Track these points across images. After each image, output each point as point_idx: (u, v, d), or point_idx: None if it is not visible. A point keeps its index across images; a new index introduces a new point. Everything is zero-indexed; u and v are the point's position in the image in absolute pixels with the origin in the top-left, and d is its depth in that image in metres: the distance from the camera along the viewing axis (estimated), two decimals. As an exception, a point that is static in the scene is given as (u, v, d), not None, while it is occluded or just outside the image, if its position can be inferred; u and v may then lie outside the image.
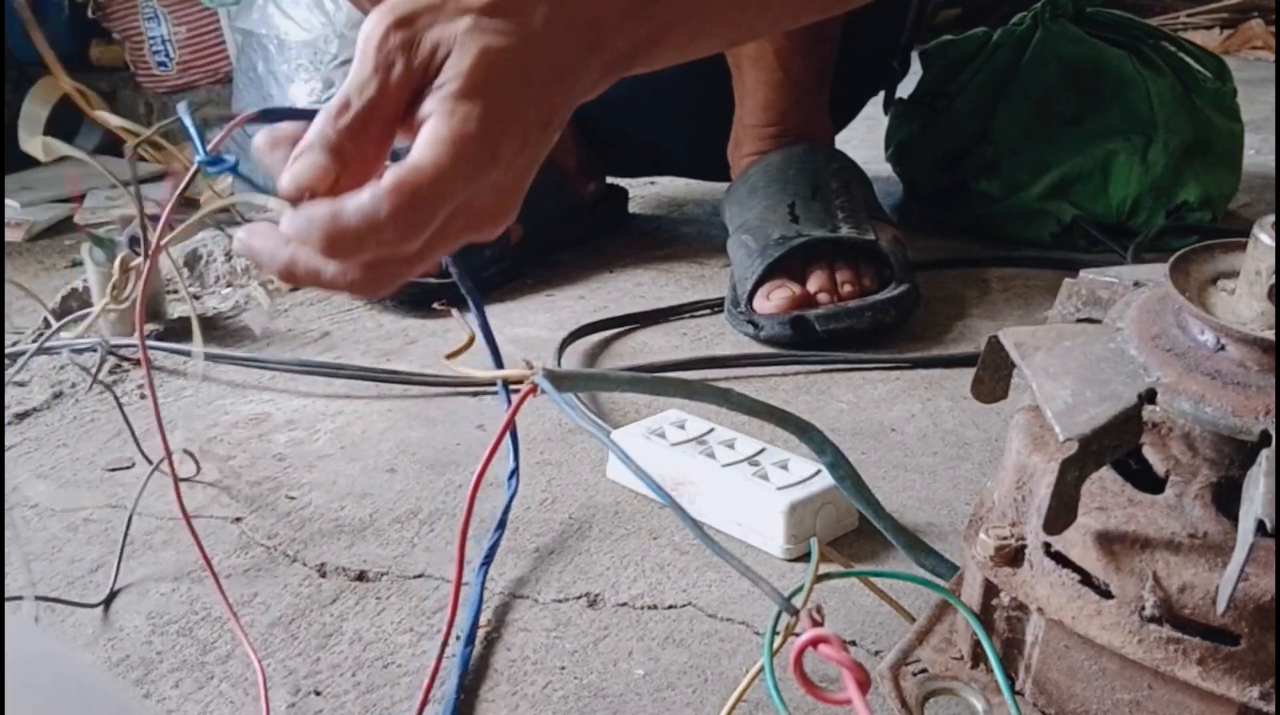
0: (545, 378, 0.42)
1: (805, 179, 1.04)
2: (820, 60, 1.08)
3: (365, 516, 0.71)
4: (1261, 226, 0.41)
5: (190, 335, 1.00)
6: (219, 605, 0.62)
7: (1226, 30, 2.49)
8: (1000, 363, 0.48)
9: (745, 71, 1.06)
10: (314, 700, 0.56)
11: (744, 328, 0.96)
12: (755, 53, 1.04)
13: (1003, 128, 1.20)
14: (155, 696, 0.56)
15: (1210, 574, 0.40)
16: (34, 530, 0.70)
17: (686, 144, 1.23)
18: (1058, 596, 0.43)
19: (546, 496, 0.73)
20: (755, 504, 0.66)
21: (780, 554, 0.66)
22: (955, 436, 0.80)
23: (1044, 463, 0.44)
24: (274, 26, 2.36)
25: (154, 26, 3.23)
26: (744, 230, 1.03)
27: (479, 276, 1.07)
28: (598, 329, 0.99)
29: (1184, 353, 0.43)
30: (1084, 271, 0.51)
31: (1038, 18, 1.22)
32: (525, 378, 0.43)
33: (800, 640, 0.36)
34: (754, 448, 0.70)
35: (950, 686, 0.47)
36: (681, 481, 0.69)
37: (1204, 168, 1.21)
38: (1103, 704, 0.44)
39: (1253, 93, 1.68)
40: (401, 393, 0.88)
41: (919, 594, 0.59)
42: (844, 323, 0.93)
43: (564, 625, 0.61)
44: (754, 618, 0.61)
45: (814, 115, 1.10)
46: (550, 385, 0.42)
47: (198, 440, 0.81)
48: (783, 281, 0.97)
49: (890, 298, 0.95)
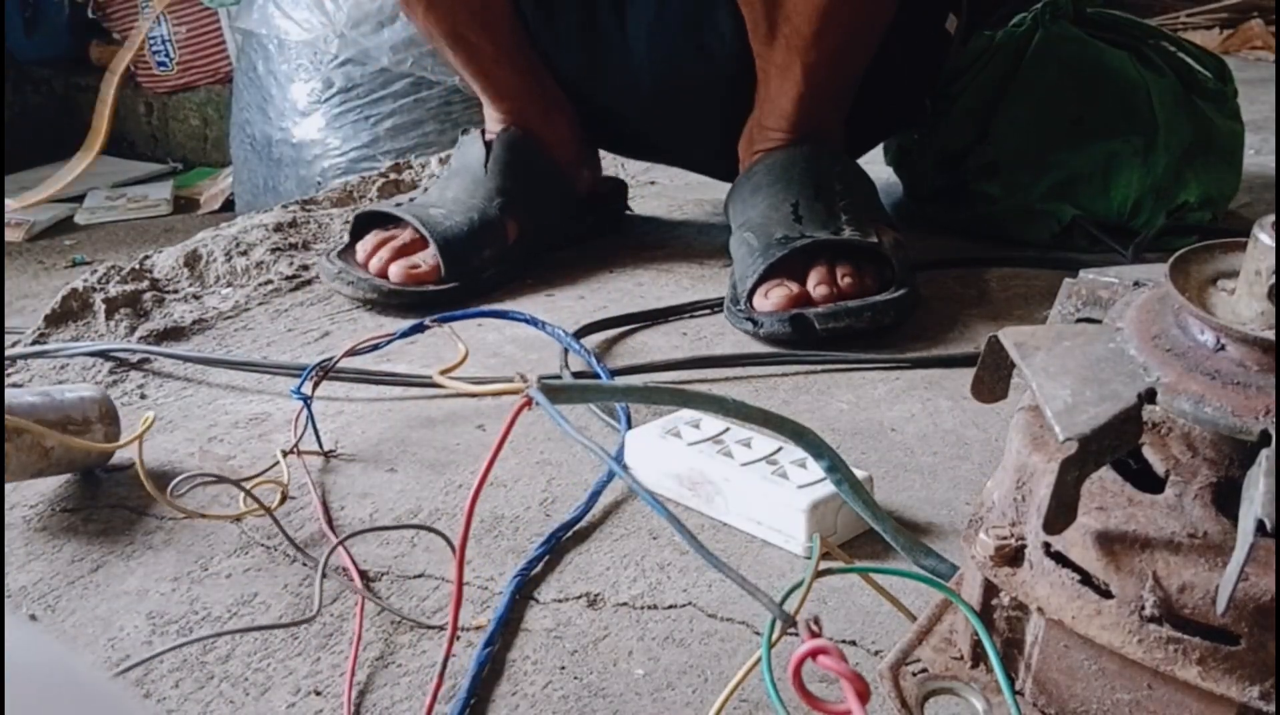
0: (539, 391, 0.42)
1: (810, 179, 1.04)
2: (847, 79, 1.08)
3: (365, 516, 0.71)
4: (1261, 226, 0.41)
5: (190, 336, 1.01)
6: (219, 605, 0.62)
7: (1226, 30, 2.49)
8: (1000, 363, 0.48)
9: (771, 79, 1.07)
10: (314, 700, 0.56)
11: (743, 325, 0.96)
12: (784, 62, 1.04)
13: (1003, 129, 1.20)
14: (155, 696, 0.56)
15: (1210, 574, 0.40)
16: (34, 530, 0.70)
17: (703, 144, 1.22)
18: (1058, 596, 0.43)
19: (546, 496, 0.73)
20: (776, 503, 0.66)
21: (802, 552, 0.65)
22: (955, 436, 0.80)
23: (1044, 463, 0.44)
24: (274, 26, 2.36)
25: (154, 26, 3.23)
26: (747, 228, 1.03)
27: (479, 278, 1.07)
28: (598, 329, 0.99)
29: (1184, 353, 0.43)
30: (1084, 271, 0.51)
31: (1038, 19, 1.22)
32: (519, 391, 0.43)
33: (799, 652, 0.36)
34: (771, 446, 0.70)
35: (950, 686, 0.47)
36: (699, 481, 0.70)
37: (1204, 168, 1.21)
38: (1103, 704, 0.44)
39: (1253, 93, 1.68)
40: (401, 393, 0.88)
41: (919, 593, 0.59)
42: (844, 322, 0.93)
43: (564, 625, 0.61)
44: (754, 618, 0.61)
45: (829, 125, 1.10)
46: (544, 398, 0.42)
47: (198, 440, 0.81)
48: (782, 280, 0.97)
49: (890, 299, 0.95)
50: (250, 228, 1.24)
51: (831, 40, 1.02)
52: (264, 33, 2.37)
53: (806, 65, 1.03)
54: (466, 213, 1.10)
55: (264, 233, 1.22)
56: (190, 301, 1.08)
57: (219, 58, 3.23)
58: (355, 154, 2.26)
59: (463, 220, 1.09)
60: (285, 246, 1.20)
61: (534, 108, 1.17)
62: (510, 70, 1.16)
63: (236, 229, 1.24)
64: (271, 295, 1.10)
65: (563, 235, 1.19)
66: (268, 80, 2.41)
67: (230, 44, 3.15)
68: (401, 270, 1.05)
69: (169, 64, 3.27)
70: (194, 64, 3.26)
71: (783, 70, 1.05)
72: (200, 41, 3.24)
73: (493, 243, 1.10)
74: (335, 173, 2.22)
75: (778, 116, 1.07)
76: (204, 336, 1.01)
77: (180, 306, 1.06)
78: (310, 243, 1.23)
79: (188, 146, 3.35)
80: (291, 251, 1.20)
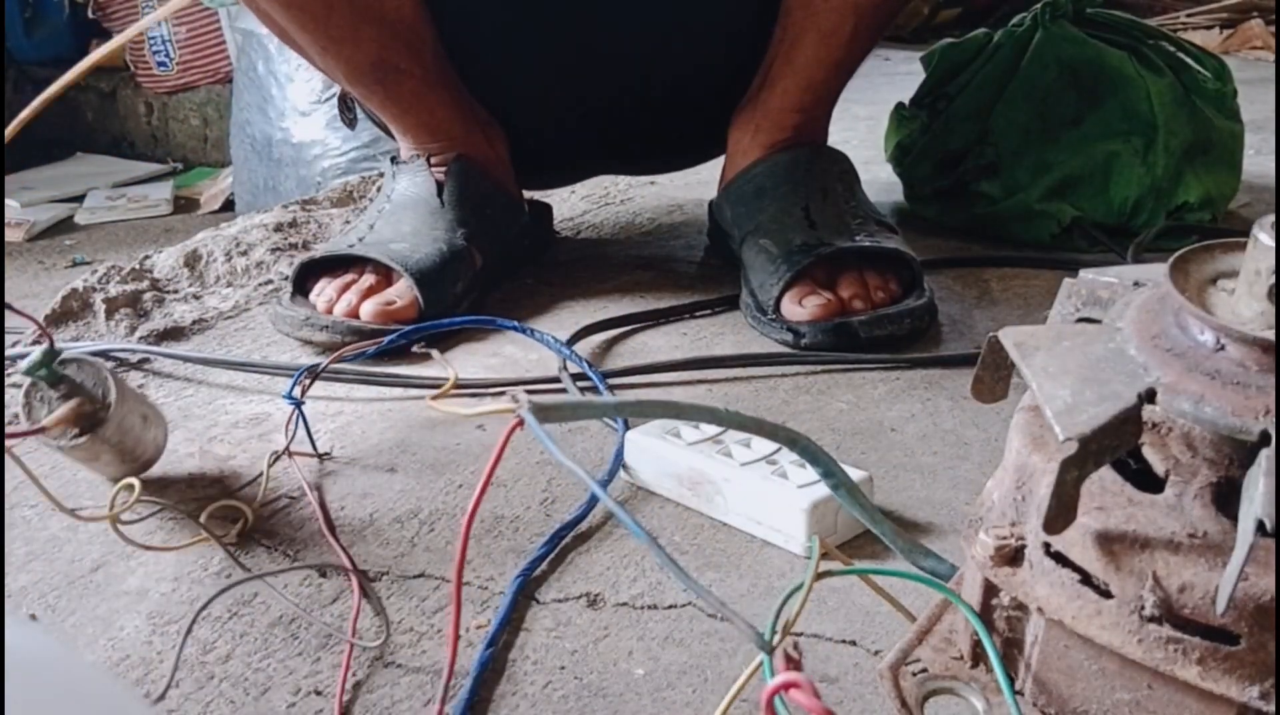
0: (530, 412, 0.42)
1: (814, 181, 1.04)
2: (862, 55, 1.08)
3: (365, 516, 0.71)
4: (1261, 226, 0.41)
5: (190, 336, 1.01)
6: (219, 605, 0.62)
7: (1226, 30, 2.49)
8: (1000, 363, 0.48)
9: (806, 46, 1.04)
10: (314, 700, 0.56)
11: (780, 335, 0.96)
12: (831, 26, 1.02)
13: (1003, 129, 1.20)
14: (155, 696, 0.56)
15: (1210, 574, 0.40)
16: (34, 530, 0.70)
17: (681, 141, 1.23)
18: (1058, 596, 0.43)
19: (546, 496, 0.73)
20: (776, 502, 0.66)
21: (802, 552, 0.65)
22: (955, 436, 0.80)
23: (1044, 463, 0.44)
24: (274, 27, 2.36)
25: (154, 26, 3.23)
26: (760, 234, 1.02)
27: (455, 310, 1.01)
28: (598, 330, 0.99)
29: (1184, 353, 0.43)
30: (1084, 271, 0.51)
31: (1038, 19, 1.22)
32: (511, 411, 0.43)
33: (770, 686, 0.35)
34: (770, 446, 0.70)
35: (950, 686, 0.47)
36: (699, 481, 0.70)
37: (1204, 168, 1.21)
38: (1102, 704, 0.44)
39: (1253, 93, 1.68)
40: (401, 394, 0.88)
41: (919, 594, 0.59)
42: (886, 329, 0.94)
43: (564, 625, 0.61)
44: (754, 618, 0.61)
45: (826, 120, 1.11)
46: (534, 421, 0.42)
47: (198, 440, 0.81)
48: (811, 288, 0.96)
49: (925, 304, 0.97)
50: (250, 228, 1.24)
51: (851, 32, 1.02)
52: (264, 33, 2.36)
53: (853, 30, 1.02)
54: (434, 244, 1.03)
55: (264, 233, 1.22)
56: (190, 301, 1.08)
57: (219, 58, 3.23)
58: (355, 154, 2.26)
59: (432, 252, 1.02)
60: (285, 246, 1.20)
61: (470, 131, 1.11)
62: (442, 93, 1.09)
63: (236, 229, 1.24)
64: (271, 295, 1.10)
65: (516, 259, 1.15)
66: (268, 80, 2.41)
67: (230, 44, 3.15)
68: (375, 308, 0.97)
69: (169, 64, 3.27)
70: (194, 64, 3.26)
71: (826, 37, 1.03)
72: (200, 41, 3.24)
73: (464, 273, 1.04)
74: (335, 173, 2.22)
75: (799, 91, 1.06)
76: (204, 336, 1.01)
77: (180, 306, 1.06)
78: (310, 243, 1.23)
79: (188, 146, 3.36)
80: (291, 251, 1.20)
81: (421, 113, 1.09)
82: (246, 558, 0.67)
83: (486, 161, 1.11)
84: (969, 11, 2.85)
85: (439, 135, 1.10)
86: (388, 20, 1.03)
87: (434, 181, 1.07)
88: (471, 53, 1.11)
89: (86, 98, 3.44)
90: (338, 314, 0.97)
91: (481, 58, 1.12)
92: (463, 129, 1.11)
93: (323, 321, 0.96)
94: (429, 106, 1.09)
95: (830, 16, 1.01)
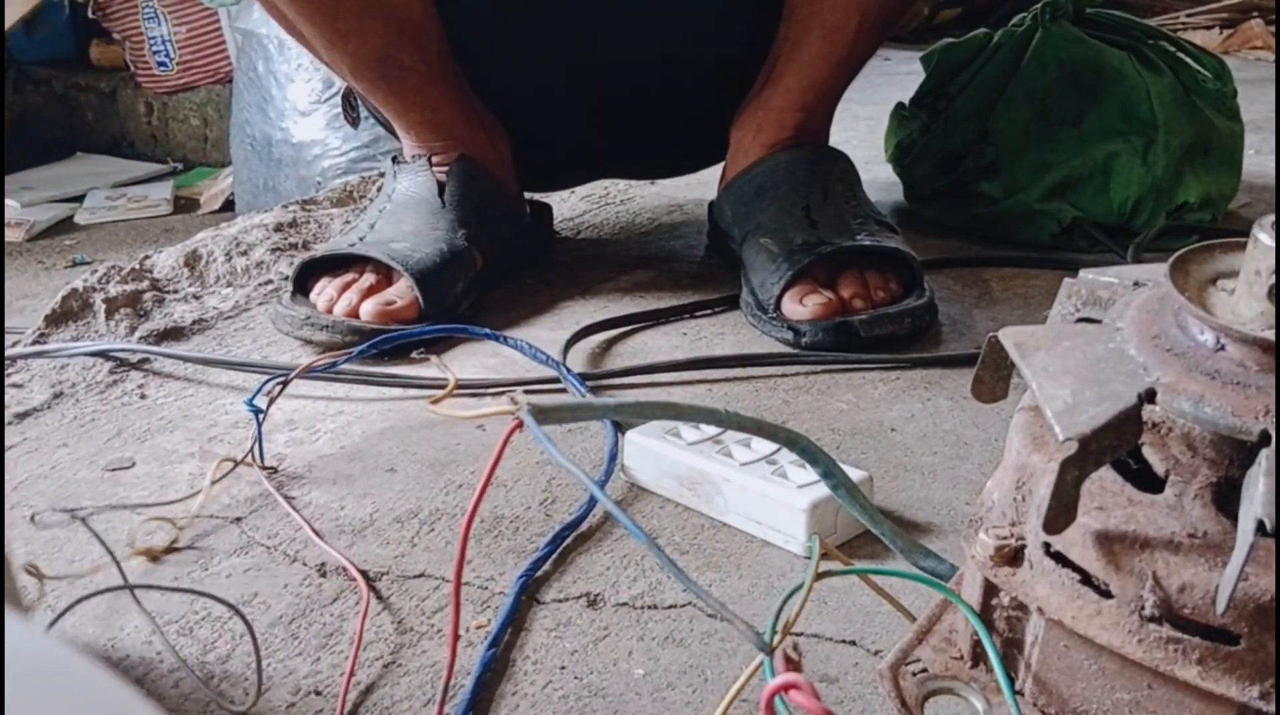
0: (529, 413, 0.42)
1: (815, 181, 1.04)
2: (866, 55, 1.08)
3: (365, 516, 0.71)
4: (1261, 226, 0.41)
5: (190, 336, 1.01)
6: (219, 605, 0.62)
7: (1226, 30, 2.49)
8: (1000, 363, 0.48)
9: (810, 43, 1.04)
10: (314, 700, 0.56)
11: (781, 333, 0.96)
12: (836, 23, 1.02)
13: (1003, 129, 1.20)
14: (155, 696, 0.56)
15: (1210, 574, 0.40)
16: (34, 530, 0.70)
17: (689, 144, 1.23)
18: (1058, 596, 0.43)
19: (546, 496, 0.73)
20: (775, 502, 0.66)
21: (802, 552, 0.65)
22: (955, 436, 0.80)
23: (1044, 463, 0.44)
24: (274, 26, 2.35)
25: (154, 26, 3.23)
26: (761, 233, 1.02)
27: (456, 310, 1.01)
28: (599, 330, 0.99)
29: (1184, 353, 0.43)
30: (1084, 271, 0.51)
31: (1038, 19, 1.22)
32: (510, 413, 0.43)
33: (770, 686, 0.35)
34: (770, 446, 0.70)
35: (950, 686, 0.47)
36: (699, 481, 0.70)
37: (1204, 168, 1.21)
38: (1102, 704, 0.44)
39: (1253, 93, 1.68)
40: (401, 394, 0.88)
41: (919, 594, 0.59)
42: (887, 328, 0.94)
43: (564, 625, 0.61)
44: (754, 618, 0.61)
45: (828, 118, 1.11)
46: (533, 422, 0.42)
47: (198, 440, 0.81)
48: (812, 287, 0.96)
49: (925, 304, 0.97)
50: (250, 228, 1.24)
51: (855, 29, 1.02)
52: (264, 33, 2.37)
53: (859, 27, 1.02)
54: (434, 244, 1.02)
55: (264, 233, 1.22)
56: (190, 301, 1.08)
57: (219, 58, 3.23)
58: (355, 154, 2.26)
59: (433, 252, 1.01)
60: (285, 246, 1.20)
61: (473, 130, 1.11)
62: (446, 90, 1.09)
63: (236, 229, 1.24)
64: (272, 295, 1.10)
65: (516, 260, 1.14)
66: (268, 80, 2.41)
67: (230, 44, 3.15)
68: (376, 308, 0.96)
69: (169, 64, 3.27)
70: (194, 64, 3.26)
71: (831, 32, 1.03)
72: (200, 41, 3.24)
73: (465, 273, 1.04)
74: (335, 173, 2.22)
75: (803, 89, 1.06)
76: (204, 336, 1.01)
77: (180, 306, 1.06)
78: (310, 243, 1.23)
79: (188, 146, 3.35)
80: (291, 251, 1.19)
81: (425, 110, 1.09)
82: (246, 557, 0.67)
83: (488, 162, 1.11)
84: (969, 11, 2.85)
85: (441, 133, 1.10)
86: (395, 15, 1.03)
87: (435, 181, 1.07)
88: (477, 52, 1.11)
89: (86, 98, 3.43)
90: (338, 313, 0.97)
91: (487, 57, 1.12)
92: (465, 128, 1.10)
93: (323, 321, 0.96)
94: (432, 104, 1.09)
95: (835, 14, 1.01)
